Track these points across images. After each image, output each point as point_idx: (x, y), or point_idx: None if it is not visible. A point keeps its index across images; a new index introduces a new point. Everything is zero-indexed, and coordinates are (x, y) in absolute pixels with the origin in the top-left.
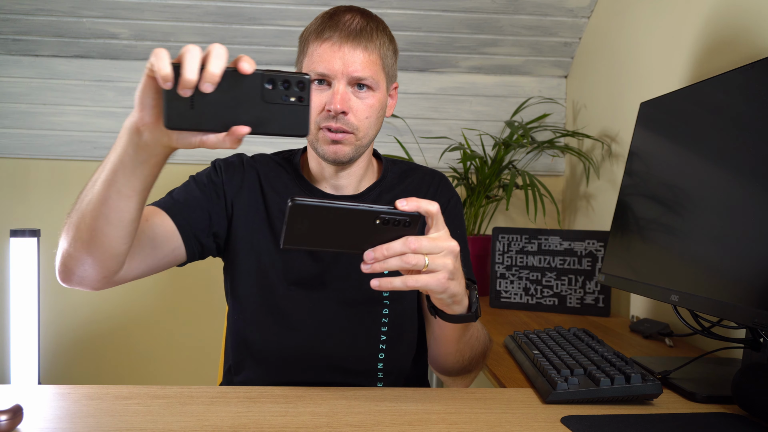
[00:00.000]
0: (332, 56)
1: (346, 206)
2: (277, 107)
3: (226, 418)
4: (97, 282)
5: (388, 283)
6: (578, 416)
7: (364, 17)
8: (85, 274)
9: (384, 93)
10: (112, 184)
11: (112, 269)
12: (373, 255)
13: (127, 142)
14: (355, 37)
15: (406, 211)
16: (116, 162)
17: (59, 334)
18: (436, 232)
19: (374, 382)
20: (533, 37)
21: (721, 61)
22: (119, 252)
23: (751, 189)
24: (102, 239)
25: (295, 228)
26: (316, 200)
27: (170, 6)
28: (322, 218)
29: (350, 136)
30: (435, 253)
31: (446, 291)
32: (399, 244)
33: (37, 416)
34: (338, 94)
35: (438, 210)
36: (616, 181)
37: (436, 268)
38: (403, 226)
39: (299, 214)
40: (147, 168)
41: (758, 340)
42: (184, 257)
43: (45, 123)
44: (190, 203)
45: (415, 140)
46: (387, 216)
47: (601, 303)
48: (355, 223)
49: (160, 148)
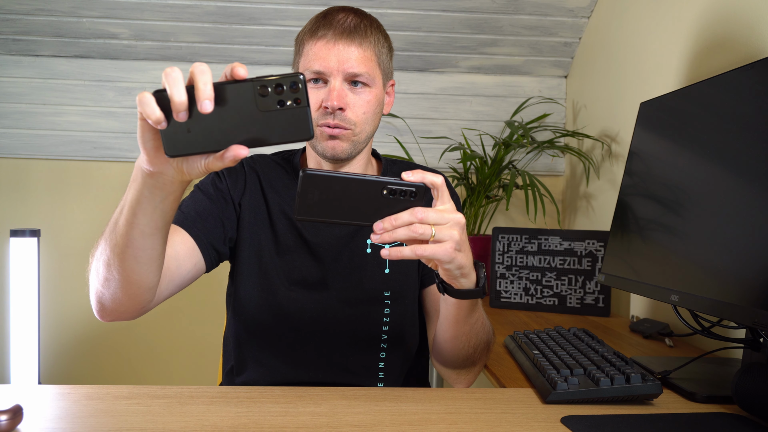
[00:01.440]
0: (327, 53)
1: (354, 176)
2: (275, 114)
3: (226, 418)
4: (134, 313)
5: (398, 252)
6: (578, 416)
7: (357, 15)
8: (121, 308)
9: (380, 89)
10: (134, 225)
11: (146, 300)
12: (382, 225)
13: (142, 184)
14: (349, 34)
15: (412, 182)
16: (134, 204)
17: (59, 334)
18: (442, 205)
19: (375, 382)
20: (533, 37)
21: (721, 61)
22: (151, 285)
23: (751, 189)
24: (134, 278)
25: (307, 198)
26: (326, 171)
27: (170, 6)
28: (332, 189)
29: (347, 132)
30: (441, 224)
31: (453, 261)
32: (407, 214)
33: (37, 416)
34: (335, 91)
35: (443, 182)
36: (616, 181)
37: (442, 239)
38: (410, 197)
39: (310, 184)
40: (167, 204)
41: (758, 340)
42: (204, 269)
43: (45, 123)
44: (202, 215)
45: (415, 140)
46: (394, 186)
47: (601, 303)
48: (364, 193)
49: (176, 185)
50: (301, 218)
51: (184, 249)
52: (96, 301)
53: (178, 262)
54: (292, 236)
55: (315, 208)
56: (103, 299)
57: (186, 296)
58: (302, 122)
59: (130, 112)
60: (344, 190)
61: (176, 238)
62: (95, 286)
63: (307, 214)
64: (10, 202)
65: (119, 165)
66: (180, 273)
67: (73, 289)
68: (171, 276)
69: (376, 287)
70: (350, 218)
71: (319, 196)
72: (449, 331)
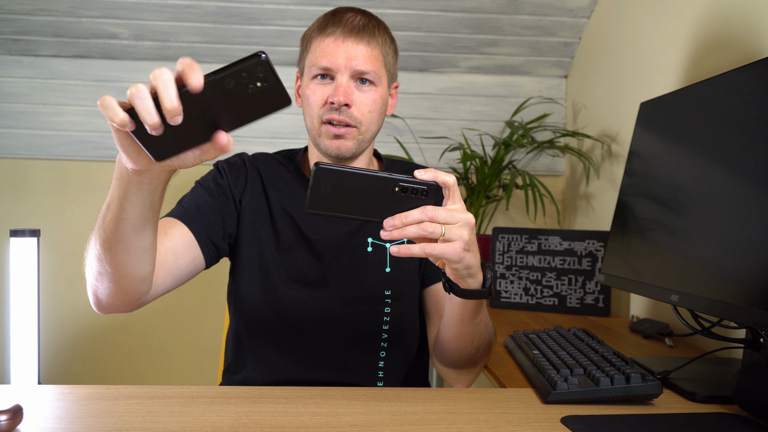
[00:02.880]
0: (335, 50)
1: (366, 172)
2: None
3: (226, 418)
4: (130, 306)
5: (407, 250)
6: (578, 416)
7: (365, 16)
8: (117, 302)
9: (386, 89)
10: (123, 220)
11: (141, 292)
12: (392, 222)
13: (128, 181)
14: (358, 32)
15: (424, 180)
16: (121, 199)
17: (59, 334)
18: (453, 205)
19: (375, 381)
20: (533, 37)
21: (721, 61)
22: (145, 276)
23: (751, 189)
24: (127, 270)
25: (319, 192)
26: (339, 165)
27: (170, 6)
28: (344, 183)
29: (353, 130)
30: (451, 223)
31: (461, 261)
32: (417, 212)
33: (37, 416)
34: (342, 87)
35: (455, 182)
36: (616, 181)
37: (452, 238)
38: (421, 195)
39: (323, 177)
40: (155, 195)
41: (758, 340)
42: (203, 264)
43: (45, 123)
44: (202, 210)
45: (415, 140)
46: (405, 184)
47: (601, 303)
48: (375, 190)
49: (164, 175)
50: (312, 212)
51: (182, 243)
52: (92, 295)
53: (177, 255)
54: (293, 234)
55: (326, 202)
56: (98, 293)
57: (186, 295)
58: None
59: None
60: (356, 185)
61: (175, 231)
62: (90, 280)
63: (318, 207)
64: (10, 202)
65: None
66: (178, 267)
67: (72, 289)
68: (169, 269)
69: (377, 286)
70: (361, 214)
71: (331, 191)
72: (453, 330)
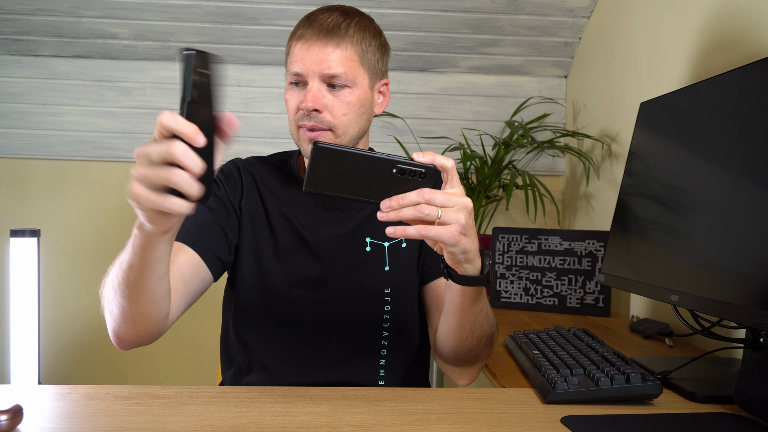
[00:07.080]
0: (304, 55)
1: (365, 153)
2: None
3: (226, 418)
4: (153, 339)
5: (402, 231)
6: (578, 416)
7: (342, 14)
8: (141, 340)
9: (365, 89)
10: (149, 276)
11: (163, 326)
12: (389, 203)
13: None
14: (326, 35)
15: (422, 163)
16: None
17: (59, 334)
18: (451, 188)
19: (376, 380)
20: (533, 37)
21: (721, 61)
22: (166, 312)
23: (751, 189)
24: (152, 314)
25: (317, 171)
26: (338, 145)
27: (170, 6)
28: (343, 163)
29: (327, 133)
30: (448, 206)
31: (458, 245)
32: (414, 194)
33: (37, 416)
34: (310, 93)
35: (453, 166)
36: (616, 181)
37: (448, 221)
38: (419, 178)
39: (321, 157)
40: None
41: (758, 340)
42: (212, 280)
43: (45, 123)
44: (204, 228)
45: (415, 140)
46: (403, 166)
47: (601, 303)
48: (374, 171)
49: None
50: (310, 190)
51: (189, 268)
52: (114, 336)
53: (186, 281)
54: (291, 237)
55: (324, 182)
56: (121, 334)
57: None
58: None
59: (130, 112)
60: (354, 165)
61: (181, 258)
62: (111, 325)
63: (315, 186)
64: (10, 202)
65: (119, 165)
66: (188, 291)
67: (73, 289)
68: (180, 296)
69: (376, 285)
70: (358, 194)
71: (329, 170)
72: (453, 320)
